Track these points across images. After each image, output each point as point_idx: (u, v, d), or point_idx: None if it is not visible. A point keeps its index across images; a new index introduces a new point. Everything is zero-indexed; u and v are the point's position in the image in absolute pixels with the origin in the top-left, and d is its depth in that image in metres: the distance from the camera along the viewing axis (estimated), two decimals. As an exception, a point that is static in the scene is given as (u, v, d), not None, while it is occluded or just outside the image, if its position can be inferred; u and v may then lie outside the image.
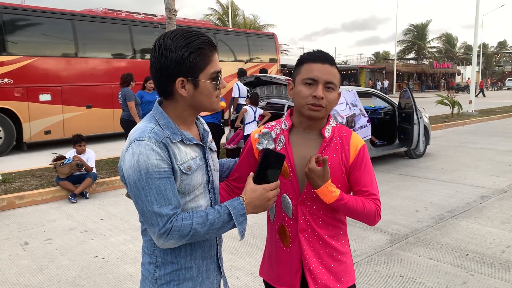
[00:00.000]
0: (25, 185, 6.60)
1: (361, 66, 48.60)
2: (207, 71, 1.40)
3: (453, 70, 54.79)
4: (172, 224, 1.31)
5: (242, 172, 1.71)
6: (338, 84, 1.62)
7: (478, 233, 4.64)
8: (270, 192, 1.42)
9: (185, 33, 1.39)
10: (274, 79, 8.00)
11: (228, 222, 1.38)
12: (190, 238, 1.34)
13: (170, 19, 8.38)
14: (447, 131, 13.53)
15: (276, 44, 17.30)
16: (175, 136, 1.39)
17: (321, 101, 1.56)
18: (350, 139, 1.66)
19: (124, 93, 7.50)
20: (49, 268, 3.98)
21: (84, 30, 11.57)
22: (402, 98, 8.79)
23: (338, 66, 1.64)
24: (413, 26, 55.40)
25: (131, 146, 1.35)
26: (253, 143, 1.71)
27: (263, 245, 4.36)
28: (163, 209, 1.31)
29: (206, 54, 1.39)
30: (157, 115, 1.43)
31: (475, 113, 18.12)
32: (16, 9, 10.60)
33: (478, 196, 6.09)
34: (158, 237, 1.32)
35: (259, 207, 1.43)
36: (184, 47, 1.36)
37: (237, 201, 1.40)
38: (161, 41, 1.38)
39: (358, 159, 1.64)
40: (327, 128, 1.64)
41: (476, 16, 18.57)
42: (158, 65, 1.38)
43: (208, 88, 1.42)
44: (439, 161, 8.66)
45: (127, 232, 4.90)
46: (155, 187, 1.31)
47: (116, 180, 7.01)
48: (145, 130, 1.36)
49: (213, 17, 37.85)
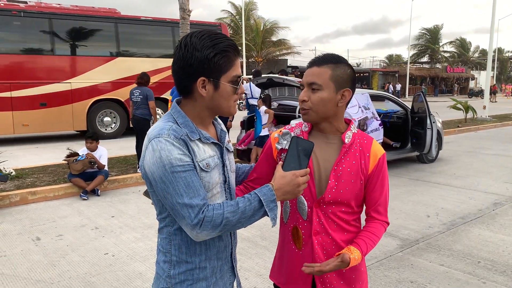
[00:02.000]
0: (38, 181, 6.67)
1: (373, 69, 48.35)
2: (229, 74, 1.41)
3: (467, 74, 54.24)
4: (204, 215, 1.32)
5: (261, 173, 1.71)
6: (330, 82, 1.56)
7: (490, 241, 4.58)
8: (300, 178, 1.42)
9: (212, 35, 1.40)
10: (287, 81, 7.99)
11: (259, 209, 1.38)
12: (222, 228, 1.34)
13: (184, 19, 8.42)
14: (460, 136, 13.39)
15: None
16: (193, 134, 1.40)
17: (304, 104, 1.59)
18: (370, 147, 1.64)
19: (146, 92, 7.58)
20: (60, 264, 4.01)
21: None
22: (415, 102, 8.72)
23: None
24: (426, 30, 54.99)
25: (150, 143, 1.36)
26: (273, 143, 1.72)
27: (273, 246, 4.37)
28: (194, 200, 1.32)
29: (230, 57, 1.41)
30: (175, 114, 1.44)
31: (489, 118, 17.89)
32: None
33: (491, 202, 6.01)
34: (191, 228, 1.32)
35: (289, 193, 1.42)
36: (210, 48, 1.37)
37: (266, 187, 1.40)
38: (188, 39, 1.40)
39: (377, 168, 1.63)
40: (347, 133, 1.63)
41: (492, 20, 18.35)
42: (182, 63, 1.40)
43: (228, 91, 1.43)
44: (452, 167, 8.57)
45: (138, 230, 4.93)
46: (182, 180, 1.32)
47: (128, 178, 7.06)
48: (164, 127, 1.38)
49: (226, 19, 37.99)
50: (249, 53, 36.83)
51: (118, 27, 12.67)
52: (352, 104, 7.27)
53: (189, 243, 1.44)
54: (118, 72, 12.52)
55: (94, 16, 12.40)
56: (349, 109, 7.15)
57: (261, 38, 37.99)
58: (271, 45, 39.22)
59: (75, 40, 12.14)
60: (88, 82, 12.18)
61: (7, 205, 5.87)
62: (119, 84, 12.49)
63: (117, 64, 12.57)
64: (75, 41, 12.14)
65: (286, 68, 37.40)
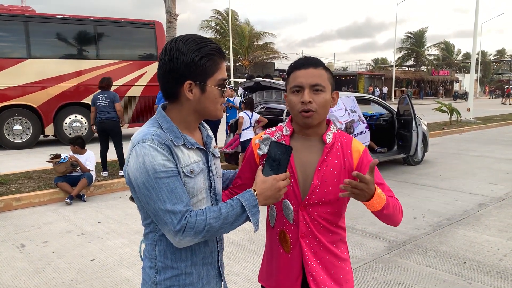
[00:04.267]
0: (22, 187, 6.57)
1: (360, 72, 48.72)
2: (215, 77, 1.42)
3: (451, 77, 54.99)
4: (187, 221, 1.32)
5: (245, 179, 1.71)
6: (328, 84, 1.60)
7: (475, 241, 4.64)
8: (281, 182, 1.43)
9: (197, 38, 1.41)
10: (274, 84, 8.01)
11: (242, 215, 1.39)
12: (205, 233, 1.34)
13: (170, 23, 8.41)
14: (445, 138, 13.56)
15: (157, 37, 12.95)
16: (177, 139, 1.40)
17: (310, 106, 1.56)
18: (351, 144, 1.66)
19: (113, 96, 7.48)
20: (46, 271, 3.95)
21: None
22: (401, 105, 8.82)
23: (334, 71, 1.63)
24: (411, 33, 55.67)
25: (134, 149, 1.36)
26: (254, 149, 1.71)
27: (261, 250, 4.36)
28: (176, 206, 1.32)
29: (216, 60, 1.42)
30: (160, 119, 1.44)
31: (473, 120, 18.16)
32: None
33: (476, 204, 6.10)
34: (174, 235, 1.32)
35: (271, 198, 1.43)
36: (195, 51, 1.38)
37: (248, 193, 1.41)
38: (173, 44, 1.40)
39: (364, 161, 1.63)
40: (328, 134, 1.64)
41: (475, 24, 18.66)
42: (168, 67, 1.40)
43: (215, 94, 1.44)
44: (437, 168, 8.67)
45: (125, 235, 4.88)
46: (165, 186, 1.32)
47: (114, 183, 6.99)
48: (148, 133, 1.37)
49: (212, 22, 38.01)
50: (236, 57, 36.85)
51: (28, 26, 11.39)
52: (339, 107, 7.32)
53: (175, 248, 1.43)
54: (30, 75, 11.28)
55: (1, 15, 11.08)
56: (335, 112, 7.20)
57: (247, 42, 38.06)
58: (258, 49, 39.33)
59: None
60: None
61: (-9, 212, 5.77)
62: (30, 88, 11.24)
63: (27, 67, 11.28)
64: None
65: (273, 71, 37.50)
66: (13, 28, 11.33)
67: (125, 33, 12.83)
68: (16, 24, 11.32)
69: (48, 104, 11.58)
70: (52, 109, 11.65)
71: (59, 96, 11.71)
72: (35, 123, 11.56)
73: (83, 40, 12.31)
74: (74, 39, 12.16)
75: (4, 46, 11.40)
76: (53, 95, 11.60)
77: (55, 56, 11.85)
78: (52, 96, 11.61)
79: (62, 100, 11.78)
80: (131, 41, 13.00)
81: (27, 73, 11.29)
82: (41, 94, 11.47)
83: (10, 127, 11.31)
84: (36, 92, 11.39)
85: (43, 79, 11.46)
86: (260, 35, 39.48)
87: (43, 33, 11.74)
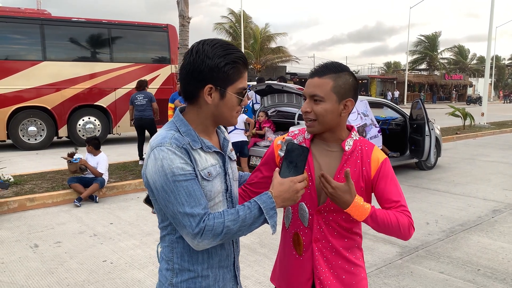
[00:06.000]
0: (36, 188, 6.65)
1: (372, 76, 48.50)
2: (236, 85, 1.43)
3: (465, 81, 54.46)
4: (205, 224, 1.32)
5: (261, 177, 1.73)
6: (332, 94, 1.56)
7: (490, 248, 4.57)
8: (298, 184, 1.42)
9: (224, 44, 1.42)
10: (285, 88, 8.00)
11: (259, 217, 1.38)
12: (223, 236, 1.34)
13: (183, 26, 8.46)
14: (458, 143, 13.41)
15: (170, 40, 13.15)
16: (195, 143, 1.41)
17: (309, 115, 1.59)
18: (371, 153, 1.64)
19: (150, 95, 8.66)
20: (58, 271, 3.99)
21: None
22: (413, 109, 8.74)
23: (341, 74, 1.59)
24: (424, 36, 55.28)
25: (152, 152, 1.37)
26: (275, 150, 1.73)
27: (272, 254, 4.35)
28: (195, 209, 1.33)
29: (240, 69, 1.43)
30: (178, 123, 1.45)
31: (487, 125, 17.94)
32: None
33: (490, 210, 6.01)
34: (192, 237, 1.33)
35: (288, 200, 1.42)
36: (221, 57, 1.39)
37: (265, 195, 1.41)
38: (200, 46, 1.41)
39: (381, 171, 1.62)
40: (347, 141, 1.64)
41: (490, 28, 18.47)
42: (192, 68, 1.41)
43: (233, 102, 1.45)
44: (450, 174, 8.58)
45: (136, 237, 4.91)
46: (183, 189, 1.33)
47: (126, 184, 7.04)
48: (166, 136, 1.39)
49: (225, 24, 38.10)
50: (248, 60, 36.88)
51: (44, 28, 11.54)
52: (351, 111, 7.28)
53: (191, 251, 1.44)
54: (45, 77, 11.49)
55: (17, 18, 11.33)
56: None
57: (260, 45, 38.10)
58: (270, 52, 39.35)
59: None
60: (7, 88, 11.12)
61: (5, 212, 5.84)
62: (44, 90, 11.44)
63: (42, 69, 11.49)
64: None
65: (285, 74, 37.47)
66: (29, 31, 11.50)
67: (138, 36, 12.97)
68: (32, 27, 11.48)
69: (62, 106, 11.77)
70: (66, 111, 11.84)
71: (73, 98, 11.89)
72: (49, 124, 11.75)
73: (97, 43, 12.45)
74: (89, 42, 12.32)
75: (20, 48, 11.56)
76: (67, 97, 11.79)
77: (70, 58, 12.00)
78: (66, 98, 11.79)
79: (76, 102, 11.96)
80: (145, 44, 13.12)
81: (42, 75, 11.47)
82: (55, 96, 11.65)
83: (25, 128, 11.49)
84: (50, 94, 11.56)
85: (58, 81, 11.63)
86: (272, 37, 39.47)
87: (58, 36, 11.92)
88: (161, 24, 13.27)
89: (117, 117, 12.55)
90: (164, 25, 13.24)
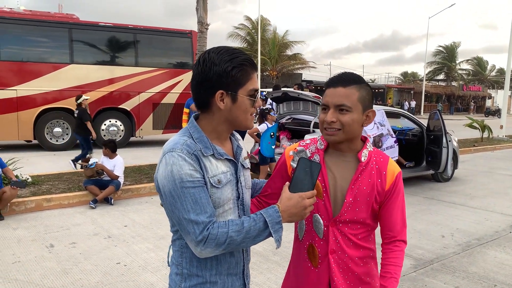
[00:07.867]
0: (53, 188, 6.75)
1: (389, 85, 48.16)
2: (246, 87, 1.44)
3: (483, 93, 53.71)
4: (209, 232, 1.33)
5: (275, 188, 1.71)
6: (358, 104, 1.57)
7: (507, 264, 4.48)
8: (307, 200, 1.42)
9: (230, 50, 1.45)
10: (302, 95, 8.00)
11: (264, 230, 1.39)
12: (226, 246, 1.35)
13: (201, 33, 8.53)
14: (476, 156, 13.20)
15: (194, 46, 12.97)
16: (206, 150, 1.42)
17: (333, 125, 1.57)
18: (387, 165, 1.64)
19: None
20: (73, 271, 4.04)
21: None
22: (431, 120, 8.65)
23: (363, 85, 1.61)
24: (442, 47, 54.77)
25: (164, 157, 1.39)
26: (287, 160, 1.72)
27: (285, 262, 4.34)
28: (199, 217, 1.34)
29: (247, 71, 1.44)
30: (191, 129, 1.47)
31: (506, 138, 17.62)
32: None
33: (508, 224, 5.90)
34: (195, 245, 1.34)
35: (295, 215, 1.42)
36: (228, 62, 1.41)
37: (272, 209, 1.41)
38: (206, 55, 1.44)
39: (395, 186, 1.63)
40: (363, 152, 1.63)
41: (511, 39, 18.21)
42: (201, 77, 1.43)
43: (246, 104, 1.46)
44: (467, 186, 8.44)
45: (150, 240, 4.94)
46: (190, 196, 1.34)
47: (141, 188, 7.10)
48: (178, 142, 1.41)
49: (241, 31, 38.30)
50: (264, 67, 36.99)
51: (72, 33, 11.92)
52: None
53: None
54: (71, 80, 11.80)
55: (47, 22, 11.67)
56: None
57: (277, 52, 38.18)
58: (286, 59, 39.38)
59: (24, 45, 11.51)
60: (35, 90, 11.44)
61: (23, 211, 5.94)
62: (71, 92, 11.55)
63: (69, 72, 11.79)
64: (24, 47, 11.52)
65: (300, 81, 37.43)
66: (57, 35, 11.87)
67: (163, 41, 13.16)
68: (61, 31, 11.86)
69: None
70: (90, 113, 12.01)
71: (97, 101, 12.14)
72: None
73: (123, 48, 12.77)
74: (114, 46, 12.64)
75: (49, 51, 11.93)
76: (92, 99, 11.98)
77: (96, 62, 12.32)
78: (91, 101, 12.00)
79: (100, 104, 12.23)
80: (169, 50, 13.34)
81: (68, 78, 11.80)
82: None
83: (51, 129, 11.81)
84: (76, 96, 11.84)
85: (83, 84, 11.92)
86: (290, 44, 39.50)
87: (85, 40, 12.24)
88: (185, 30, 13.54)
89: (140, 120, 12.84)
90: (188, 31, 13.49)
